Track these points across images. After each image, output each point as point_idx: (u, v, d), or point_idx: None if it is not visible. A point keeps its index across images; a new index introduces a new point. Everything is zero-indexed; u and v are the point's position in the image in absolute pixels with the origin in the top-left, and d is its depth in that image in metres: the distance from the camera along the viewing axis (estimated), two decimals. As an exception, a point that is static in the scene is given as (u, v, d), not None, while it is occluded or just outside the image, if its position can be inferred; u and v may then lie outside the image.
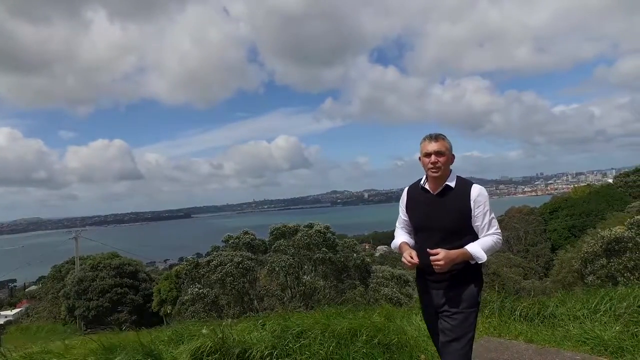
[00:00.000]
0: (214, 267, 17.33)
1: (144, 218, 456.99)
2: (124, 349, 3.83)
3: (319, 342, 3.43)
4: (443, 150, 2.33)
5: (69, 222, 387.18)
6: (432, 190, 2.38)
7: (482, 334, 3.88)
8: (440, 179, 2.34)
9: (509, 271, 31.06)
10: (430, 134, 2.40)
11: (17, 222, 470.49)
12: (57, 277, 36.98)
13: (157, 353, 3.69)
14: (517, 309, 4.07)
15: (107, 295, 29.24)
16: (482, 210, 2.30)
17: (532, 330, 3.82)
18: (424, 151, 2.37)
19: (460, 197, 2.32)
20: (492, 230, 2.32)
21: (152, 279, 32.64)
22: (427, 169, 2.34)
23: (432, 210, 2.34)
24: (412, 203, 2.48)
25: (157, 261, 79.43)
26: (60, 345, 4.56)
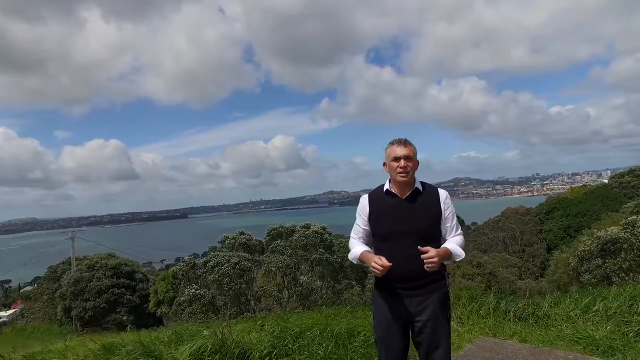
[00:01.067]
0: (211, 267, 17.33)
1: (141, 218, 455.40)
2: (125, 349, 3.88)
3: (318, 342, 3.50)
4: (411, 155, 2.34)
5: (65, 222, 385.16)
6: (399, 194, 2.35)
7: (477, 334, 3.95)
8: (409, 183, 2.35)
9: (505, 271, 31.18)
10: (399, 139, 2.40)
11: (12, 222, 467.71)
12: (53, 278, 36.82)
13: (157, 353, 3.74)
14: (511, 309, 4.15)
15: (103, 295, 29.17)
16: (451, 212, 2.37)
17: (526, 330, 3.90)
18: (392, 155, 2.35)
19: (431, 200, 2.35)
20: (459, 230, 2.40)
21: (149, 279, 32.57)
22: (396, 173, 2.32)
23: (402, 214, 2.30)
24: (377, 211, 2.40)
25: (153, 261, 79.22)
26: (60, 345, 4.60)
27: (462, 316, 4.20)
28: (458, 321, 4.13)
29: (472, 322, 4.13)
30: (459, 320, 4.15)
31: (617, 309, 3.97)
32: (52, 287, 34.95)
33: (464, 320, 4.17)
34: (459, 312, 4.22)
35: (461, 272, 25.82)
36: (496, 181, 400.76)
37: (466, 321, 4.15)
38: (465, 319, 4.18)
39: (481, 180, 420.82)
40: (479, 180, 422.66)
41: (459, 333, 3.93)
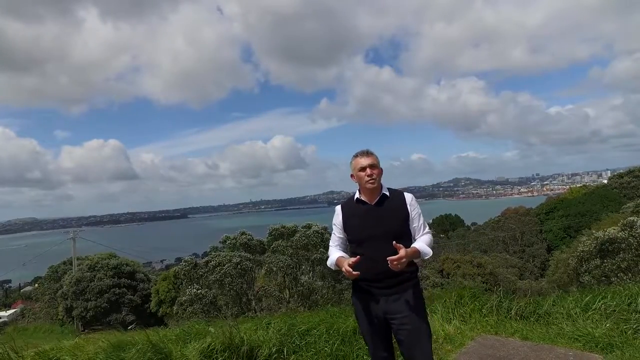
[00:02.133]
0: (212, 267, 17.41)
1: (140, 218, 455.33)
2: (134, 347, 3.96)
3: (324, 340, 3.59)
4: (375, 163, 2.54)
5: (65, 222, 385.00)
6: (369, 201, 2.54)
7: (479, 332, 4.04)
8: (377, 189, 2.53)
9: (505, 271, 31.30)
10: (362, 151, 2.59)
11: (11, 222, 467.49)
12: (54, 278, 36.90)
13: (167, 351, 3.82)
14: (513, 308, 4.23)
15: (105, 295, 29.22)
16: (417, 212, 2.55)
17: (527, 328, 3.98)
18: (358, 166, 2.54)
19: (397, 203, 2.54)
20: (426, 229, 2.58)
21: (150, 279, 32.64)
22: (365, 182, 2.50)
23: (374, 218, 2.49)
24: (350, 218, 2.58)
25: (153, 261, 79.26)
26: (70, 343, 4.68)
27: (465, 314, 4.28)
28: (460, 319, 4.22)
29: (474, 321, 4.21)
30: (461, 319, 4.23)
31: (616, 307, 4.06)
32: (54, 287, 35.02)
33: (467, 318, 4.25)
34: (461, 310, 4.31)
35: (462, 272, 25.91)
36: (496, 181, 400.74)
37: (468, 319, 4.24)
38: (468, 317, 4.26)
39: (481, 180, 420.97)
40: (479, 180, 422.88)
41: (461, 331, 4.01)
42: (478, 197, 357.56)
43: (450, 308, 4.35)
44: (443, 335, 3.90)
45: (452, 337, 3.88)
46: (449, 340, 3.85)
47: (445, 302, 4.45)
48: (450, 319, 4.21)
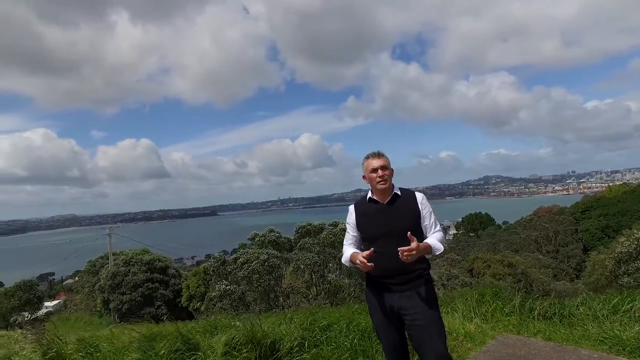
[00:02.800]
0: (241, 264, 17.78)
1: (172, 215, 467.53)
2: (165, 337, 4.18)
3: (344, 335, 3.68)
4: (386, 164, 2.63)
5: (101, 219, 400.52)
6: (381, 200, 2.63)
7: (501, 331, 4.01)
8: (388, 190, 2.62)
9: (538, 272, 30.39)
10: (373, 152, 2.67)
11: (54, 218, 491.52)
12: (92, 272, 38.50)
13: (195, 342, 4.01)
14: (536, 307, 4.17)
15: (139, 289, 30.29)
16: (428, 211, 2.63)
17: (550, 329, 3.92)
18: (370, 168, 2.62)
19: (409, 202, 2.62)
20: (438, 227, 2.65)
21: (181, 275, 33.57)
22: (376, 182, 2.59)
23: (387, 217, 2.57)
24: (364, 217, 2.66)
25: (184, 258, 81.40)
26: (107, 332, 4.97)
27: (487, 313, 4.25)
28: (482, 318, 4.20)
29: (495, 320, 4.18)
30: (482, 317, 4.21)
31: (646, 309, 3.94)
32: (92, 280, 36.60)
33: (488, 317, 4.22)
34: (483, 309, 4.29)
35: (492, 271, 25.32)
36: (528, 179, 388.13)
37: (490, 318, 4.21)
38: (490, 316, 4.24)
39: (512, 178, 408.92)
40: (510, 178, 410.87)
41: (482, 329, 4.00)
42: (509, 195, 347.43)
43: (471, 306, 4.34)
44: (463, 333, 3.90)
45: (473, 336, 3.88)
46: (470, 338, 3.85)
47: (466, 300, 4.44)
48: (472, 318, 4.20)
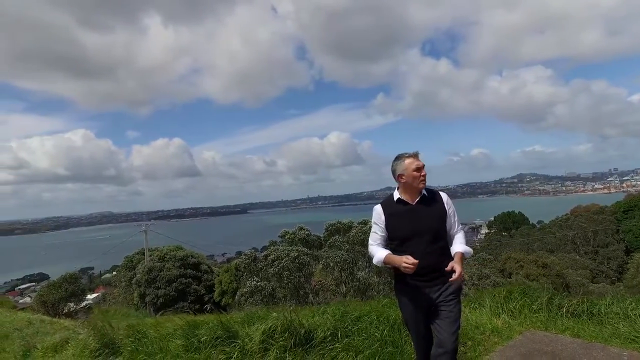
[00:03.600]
0: (271, 261, 18.18)
1: (203, 213, 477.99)
2: (206, 325, 4.51)
3: (375, 326, 3.87)
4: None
5: (136, 216, 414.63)
6: (410, 201, 2.76)
7: (529, 327, 4.09)
8: (420, 190, 2.76)
9: (575, 273, 29.41)
10: (414, 152, 2.78)
11: (92, 215, 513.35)
12: (129, 267, 40.16)
13: (234, 330, 4.31)
14: (564, 305, 4.22)
15: (173, 284, 31.35)
16: (452, 211, 2.81)
17: (579, 326, 3.96)
18: (414, 166, 2.72)
19: (437, 202, 2.78)
20: (459, 226, 2.85)
21: (213, 271, 34.50)
22: (419, 182, 2.71)
23: (416, 217, 2.71)
24: (393, 218, 2.77)
25: (215, 255, 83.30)
26: (152, 320, 5.37)
27: (514, 310, 4.34)
28: (510, 314, 4.29)
29: (523, 316, 4.26)
30: (510, 314, 4.30)
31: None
32: (129, 275, 38.19)
33: (516, 314, 4.31)
34: (510, 306, 4.37)
35: (525, 272, 24.75)
36: (566, 177, 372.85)
37: (518, 315, 4.29)
38: (517, 312, 4.32)
39: (548, 176, 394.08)
40: (546, 176, 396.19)
41: (509, 325, 4.10)
42: (545, 193, 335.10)
43: (499, 303, 4.43)
44: (490, 328, 4.01)
45: (500, 331, 3.98)
46: (497, 333, 3.96)
47: (494, 296, 4.54)
48: (499, 314, 4.30)
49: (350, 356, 3.72)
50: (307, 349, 3.89)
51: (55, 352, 6.43)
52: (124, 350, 4.99)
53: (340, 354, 3.78)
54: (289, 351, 3.88)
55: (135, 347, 4.94)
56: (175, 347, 4.55)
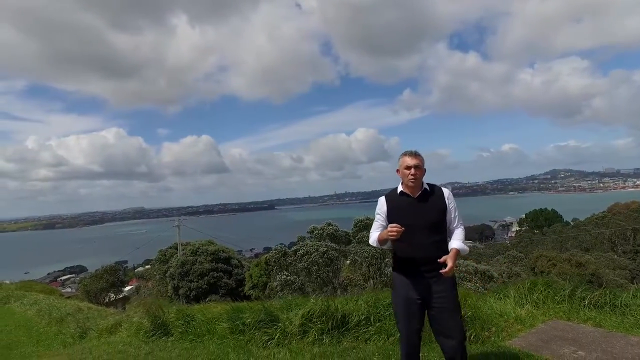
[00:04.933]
0: (301, 256, 18.66)
1: (231, 209, 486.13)
2: (250, 309, 4.95)
3: (405, 312, 4.18)
4: (420, 164, 2.92)
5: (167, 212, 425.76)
6: (412, 194, 2.94)
7: (552, 317, 4.31)
8: (418, 186, 2.93)
9: (612, 273, 28.53)
10: (410, 151, 2.97)
11: (125, 210, 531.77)
12: (162, 260, 41.73)
13: (275, 314, 4.74)
14: (587, 297, 4.41)
15: (205, 278, 32.45)
16: (453, 206, 2.97)
17: (601, 317, 4.15)
18: (404, 165, 2.92)
19: (437, 197, 2.96)
20: (460, 222, 3.00)
21: (243, 265, 35.42)
22: (407, 179, 2.90)
23: (416, 210, 2.90)
24: (394, 209, 2.97)
25: (243, 250, 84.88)
26: (198, 306, 5.88)
27: (538, 301, 4.56)
28: (533, 305, 4.52)
29: (547, 307, 4.48)
30: (534, 304, 4.53)
31: None
32: (162, 268, 39.71)
33: (539, 304, 4.53)
34: (534, 297, 4.60)
35: (557, 270, 24.27)
36: (604, 173, 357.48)
37: (541, 306, 4.51)
38: (541, 303, 4.54)
39: (584, 172, 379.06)
40: (582, 172, 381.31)
41: (533, 315, 4.33)
42: (581, 190, 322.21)
43: (523, 294, 4.66)
44: (514, 317, 4.26)
45: (524, 319, 4.23)
46: (520, 321, 4.20)
47: (518, 288, 4.77)
48: (523, 304, 4.53)
49: (382, 338, 4.08)
50: (342, 331, 4.28)
51: (110, 334, 7.07)
52: (174, 331, 5.52)
53: (373, 336, 4.15)
54: (326, 333, 4.28)
55: (184, 328, 5.45)
56: (222, 330, 5.03)
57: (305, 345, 4.22)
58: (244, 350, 4.40)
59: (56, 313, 10.97)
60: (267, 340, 4.49)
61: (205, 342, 4.96)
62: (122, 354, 5.01)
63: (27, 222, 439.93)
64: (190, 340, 5.15)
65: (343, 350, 3.97)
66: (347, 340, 4.21)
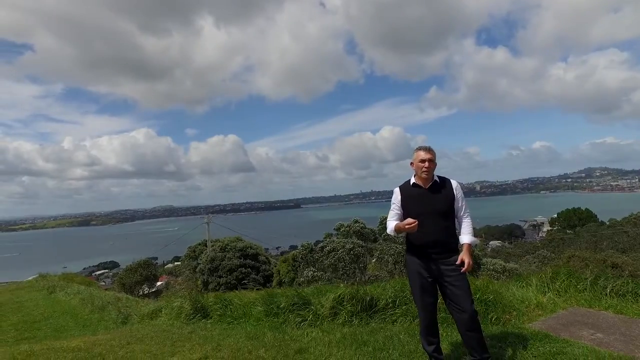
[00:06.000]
0: (328, 252, 18.99)
1: (258, 208, 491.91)
2: (284, 295, 5.32)
3: (430, 296, 4.44)
4: (433, 159, 3.25)
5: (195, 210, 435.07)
6: (423, 186, 3.28)
7: (573, 304, 4.47)
8: (429, 178, 3.27)
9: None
10: (424, 146, 3.31)
11: (155, 209, 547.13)
12: (192, 256, 43.03)
13: (308, 298, 5.09)
14: (609, 285, 4.54)
15: (233, 273, 33.29)
16: (461, 196, 3.31)
17: (622, 305, 4.28)
18: (419, 158, 3.26)
19: (446, 188, 3.29)
20: (468, 211, 3.33)
21: (270, 262, 36.11)
22: (421, 171, 3.24)
23: (428, 199, 3.24)
24: (408, 199, 3.31)
25: (269, 248, 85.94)
26: (234, 293, 6.29)
27: (560, 289, 4.72)
28: (555, 293, 4.68)
29: (568, 295, 4.63)
30: (556, 292, 4.69)
31: None
32: (192, 264, 40.96)
33: (561, 292, 4.69)
34: (556, 285, 4.75)
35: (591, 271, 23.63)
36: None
37: (563, 294, 4.67)
38: (563, 292, 4.69)
39: (623, 170, 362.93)
40: (620, 170, 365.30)
41: (554, 302, 4.50)
42: (619, 189, 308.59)
43: (545, 282, 4.82)
44: (535, 303, 4.45)
45: (545, 305, 4.41)
46: (541, 307, 4.38)
47: (541, 277, 4.93)
48: (545, 292, 4.70)
49: (409, 320, 4.36)
50: (370, 314, 4.59)
51: (151, 318, 7.60)
52: (213, 314, 5.95)
53: (399, 318, 4.43)
54: (355, 315, 4.60)
55: (222, 312, 5.88)
56: (257, 312, 5.42)
57: (335, 326, 4.54)
58: (279, 330, 4.76)
59: (98, 301, 11.71)
60: (300, 321, 4.84)
61: (242, 323, 5.36)
62: (166, 332, 5.46)
63: (64, 219, 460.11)
64: (228, 322, 5.57)
65: (371, 330, 4.27)
66: (375, 321, 4.51)
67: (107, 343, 5.00)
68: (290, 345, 4.10)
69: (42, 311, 11.26)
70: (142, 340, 5.00)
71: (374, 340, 3.96)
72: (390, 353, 3.64)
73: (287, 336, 4.48)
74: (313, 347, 3.96)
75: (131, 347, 4.67)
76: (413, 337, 3.92)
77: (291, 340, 4.28)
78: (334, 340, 4.08)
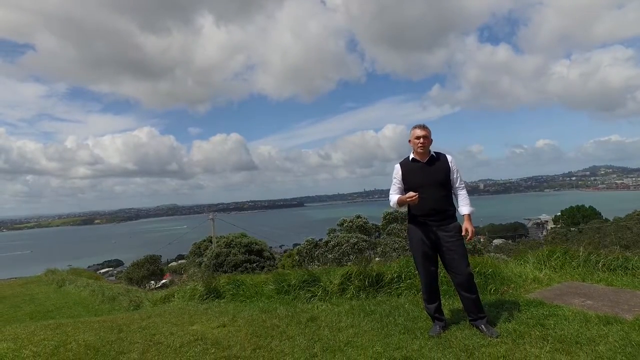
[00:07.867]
0: (332, 247, 19.29)
1: (261, 206, 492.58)
2: (294, 274, 5.62)
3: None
4: (428, 135, 3.57)
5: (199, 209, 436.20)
6: (421, 160, 3.60)
7: (567, 278, 4.76)
8: (426, 153, 3.60)
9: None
10: (419, 124, 3.63)
11: (159, 207, 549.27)
12: (197, 253, 43.46)
13: (317, 276, 5.39)
14: (600, 261, 4.83)
15: (238, 269, 33.62)
16: (456, 168, 3.64)
17: (612, 277, 4.58)
18: (415, 135, 3.58)
19: (442, 161, 3.63)
20: (463, 183, 3.67)
21: (274, 257, 36.43)
22: (417, 147, 3.56)
23: (426, 172, 3.58)
24: (408, 173, 3.63)
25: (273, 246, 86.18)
26: (246, 275, 6.60)
27: (555, 266, 5.01)
28: (551, 269, 4.97)
29: (564, 271, 4.92)
30: (552, 268, 4.98)
31: None
32: (197, 259, 41.40)
33: (557, 269, 4.98)
34: (552, 262, 5.04)
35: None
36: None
37: (559, 269, 4.96)
38: (558, 268, 4.98)
39: (627, 168, 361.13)
40: (625, 168, 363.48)
41: (550, 277, 4.79)
42: (624, 187, 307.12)
43: (542, 260, 5.12)
44: (532, 278, 4.74)
45: (541, 280, 4.70)
46: (538, 281, 4.67)
47: (537, 255, 5.22)
48: (542, 268, 4.99)
49: (413, 293, 4.66)
50: (377, 288, 4.89)
51: (164, 303, 7.92)
52: (226, 294, 6.26)
53: (404, 291, 4.73)
54: (362, 290, 4.90)
55: (235, 292, 6.19)
56: (269, 291, 5.73)
57: (344, 300, 4.85)
58: (290, 305, 5.07)
59: (108, 292, 12.06)
60: (310, 297, 5.15)
61: (255, 301, 5.67)
62: (182, 309, 5.78)
63: (68, 218, 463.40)
64: (241, 301, 5.87)
65: (378, 302, 4.58)
66: (381, 295, 4.82)
67: (129, 318, 5.32)
68: (302, 315, 4.41)
69: (53, 302, 11.61)
70: (161, 315, 5.33)
71: (380, 309, 4.27)
72: (395, 319, 3.94)
73: (298, 309, 4.79)
74: (324, 316, 4.27)
75: (152, 320, 5.00)
76: (417, 306, 4.23)
77: (302, 312, 4.58)
78: (343, 311, 4.39)
